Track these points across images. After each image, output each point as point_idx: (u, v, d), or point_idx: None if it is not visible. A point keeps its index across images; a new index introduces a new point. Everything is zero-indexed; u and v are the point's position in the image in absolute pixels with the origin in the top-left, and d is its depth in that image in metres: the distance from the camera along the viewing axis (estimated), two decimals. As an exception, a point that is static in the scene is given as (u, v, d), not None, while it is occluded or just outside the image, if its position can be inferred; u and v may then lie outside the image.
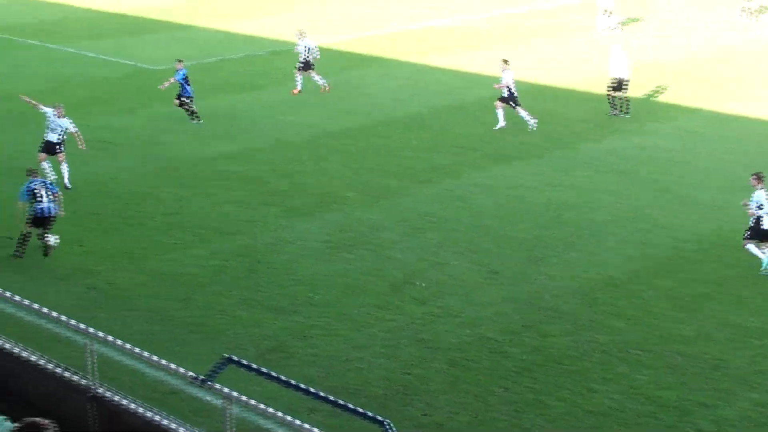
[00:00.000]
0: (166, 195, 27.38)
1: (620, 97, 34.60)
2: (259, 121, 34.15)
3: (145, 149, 31.18)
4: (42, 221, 23.52)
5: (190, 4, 56.04)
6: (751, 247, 22.63)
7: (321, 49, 38.86)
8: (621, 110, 34.45)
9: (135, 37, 47.46)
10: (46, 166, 27.54)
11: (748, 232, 22.65)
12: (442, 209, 26.30)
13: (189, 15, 53.02)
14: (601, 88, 35.81)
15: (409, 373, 18.30)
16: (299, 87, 37.47)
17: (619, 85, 34.58)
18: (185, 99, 33.48)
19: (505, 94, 32.87)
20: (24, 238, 23.60)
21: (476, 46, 44.80)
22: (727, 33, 47.79)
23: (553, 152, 30.69)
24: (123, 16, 52.94)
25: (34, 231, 23.68)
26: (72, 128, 27.85)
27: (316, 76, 37.66)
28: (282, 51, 43.79)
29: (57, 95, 37.00)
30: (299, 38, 37.78)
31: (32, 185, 23.58)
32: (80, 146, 27.80)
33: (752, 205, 22.41)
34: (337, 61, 42.44)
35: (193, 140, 32.09)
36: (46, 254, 23.66)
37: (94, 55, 43.55)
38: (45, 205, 23.39)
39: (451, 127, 33.30)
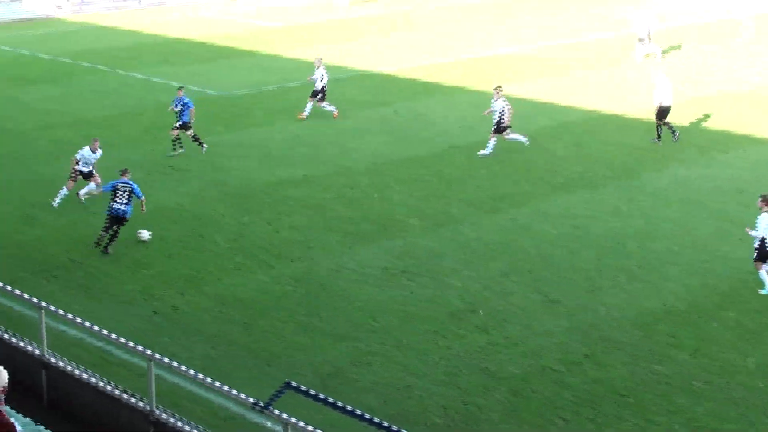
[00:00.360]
0: (228, 220, 27.62)
1: (666, 124, 34.38)
2: (324, 147, 34.34)
3: (210, 174, 31.45)
4: (112, 220, 25.13)
5: (260, 32, 56.50)
6: (763, 274, 22.79)
7: (385, 77, 38.93)
8: (675, 135, 34.19)
9: (205, 64, 47.97)
10: (65, 192, 28.55)
11: (756, 255, 22.85)
12: (506, 238, 26.26)
13: (258, 42, 53.45)
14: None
15: (468, 402, 18.28)
16: (334, 110, 37.67)
17: (662, 113, 34.37)
18: (178, 126, 33.33)
19: (495, 119, 32.90)
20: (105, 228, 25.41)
21: (541, 75, 44.76)
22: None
23: (617, 181, 30.55)
24: (194, 43, 53.49)
25: (110, 228, 25.27)
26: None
27: (309, 105, 37.82)
28: (347, 78, 44.08)
29: (127, 121, 37.75)
30: (317, 66, 37.66)
31: (118, 183, 25.21)
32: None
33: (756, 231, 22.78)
34: (401, 89, 42.62)
35: (257, 166, 32.33)
36: (104, 250, 25.21)
37: (165, 81, 44.06)
38: (116, 206, 25.12)
39: (516, 156, 33.23)
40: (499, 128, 32.99)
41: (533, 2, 65.66)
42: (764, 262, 22.78)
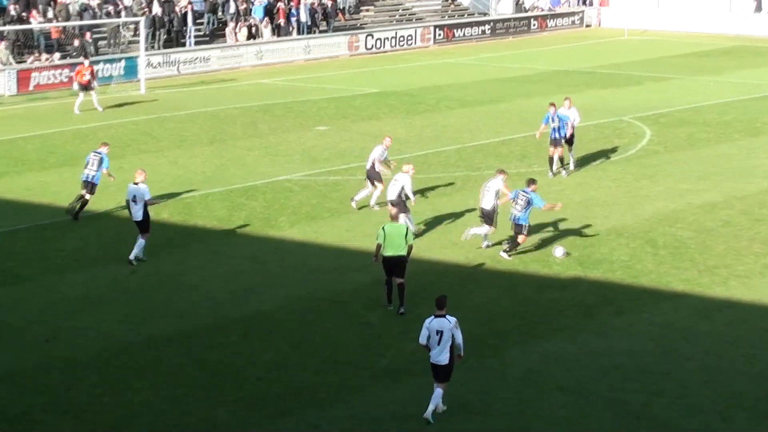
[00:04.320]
0: None
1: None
2: (29, 328, 32.95)
3: None
4: None
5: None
6: None
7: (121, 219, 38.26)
8: None
9: None
10: None
11: None
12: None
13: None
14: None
15: None
16: None
17: None
18: None
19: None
20: None
21: (341, 211, 44.60)
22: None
23: (469, 364, 29.10)
24: None
25: None
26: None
27: None
28: (68, 224, 42.47)
29: None
30: None
31: None
32: None
33: None
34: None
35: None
36: None
37: None
38: None
39: (317, 331, 32.48)
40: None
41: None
42: None
